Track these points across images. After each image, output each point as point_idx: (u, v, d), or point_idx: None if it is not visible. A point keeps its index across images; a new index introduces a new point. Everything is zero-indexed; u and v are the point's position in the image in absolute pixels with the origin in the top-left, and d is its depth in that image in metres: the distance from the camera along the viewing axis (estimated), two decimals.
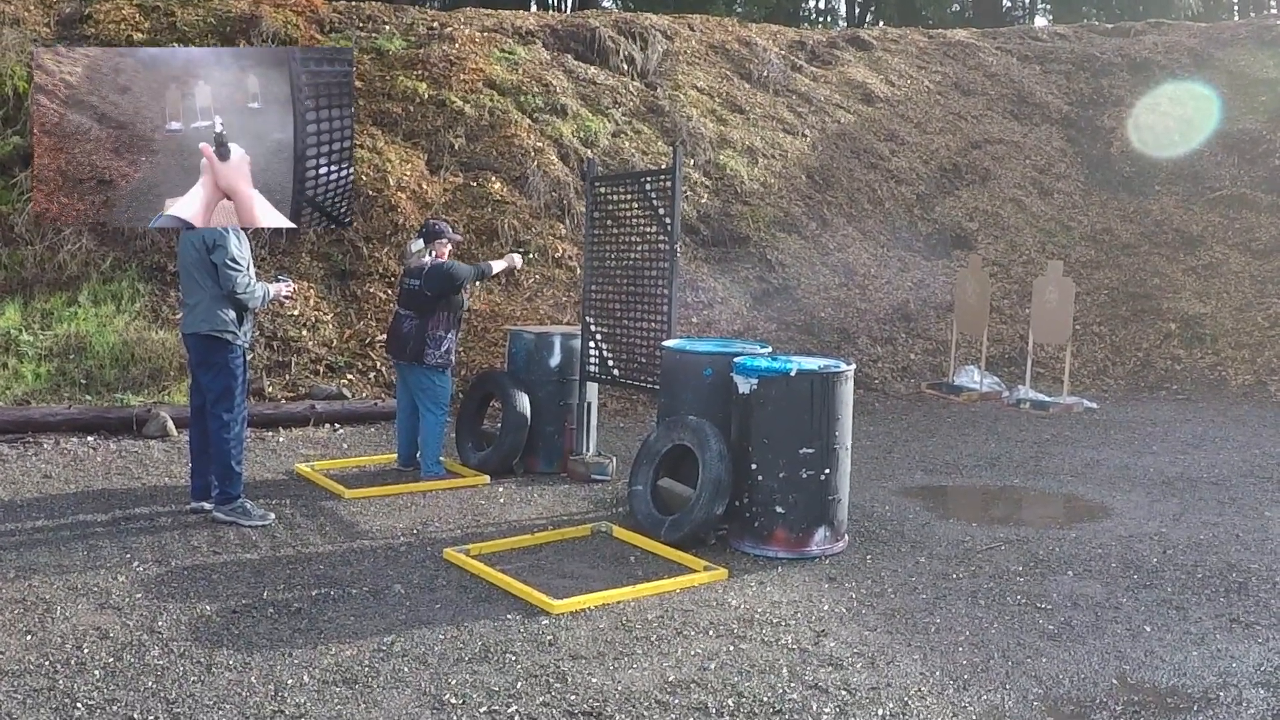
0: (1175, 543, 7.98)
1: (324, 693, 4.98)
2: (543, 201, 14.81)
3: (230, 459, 7.72)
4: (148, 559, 6.86)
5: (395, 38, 16.81)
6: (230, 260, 7.55)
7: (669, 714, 4.89)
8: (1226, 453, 11.37)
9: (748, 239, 15.92)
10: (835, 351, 13.89)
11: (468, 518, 8.17)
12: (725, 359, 7.78)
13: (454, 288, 9.08)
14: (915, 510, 8.79)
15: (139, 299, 12.31)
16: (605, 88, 17.48)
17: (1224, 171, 19.65)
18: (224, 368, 7.72)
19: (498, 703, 4.93)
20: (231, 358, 7.74)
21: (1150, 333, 16.60)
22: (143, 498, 8.39)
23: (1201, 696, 5.29)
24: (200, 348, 7.75)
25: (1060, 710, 5.09)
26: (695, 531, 7.40)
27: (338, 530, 7.67)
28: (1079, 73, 22.75)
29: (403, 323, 9.14)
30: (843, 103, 20.03)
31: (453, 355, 9.28)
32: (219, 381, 7.73)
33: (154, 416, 10.38)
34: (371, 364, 12.29)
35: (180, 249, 7.88)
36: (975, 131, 20.51)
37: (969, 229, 18.05)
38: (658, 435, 8.02)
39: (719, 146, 17.27)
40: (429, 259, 9.12)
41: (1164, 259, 18.08)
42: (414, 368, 9.13)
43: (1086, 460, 10.87)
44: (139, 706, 4.78)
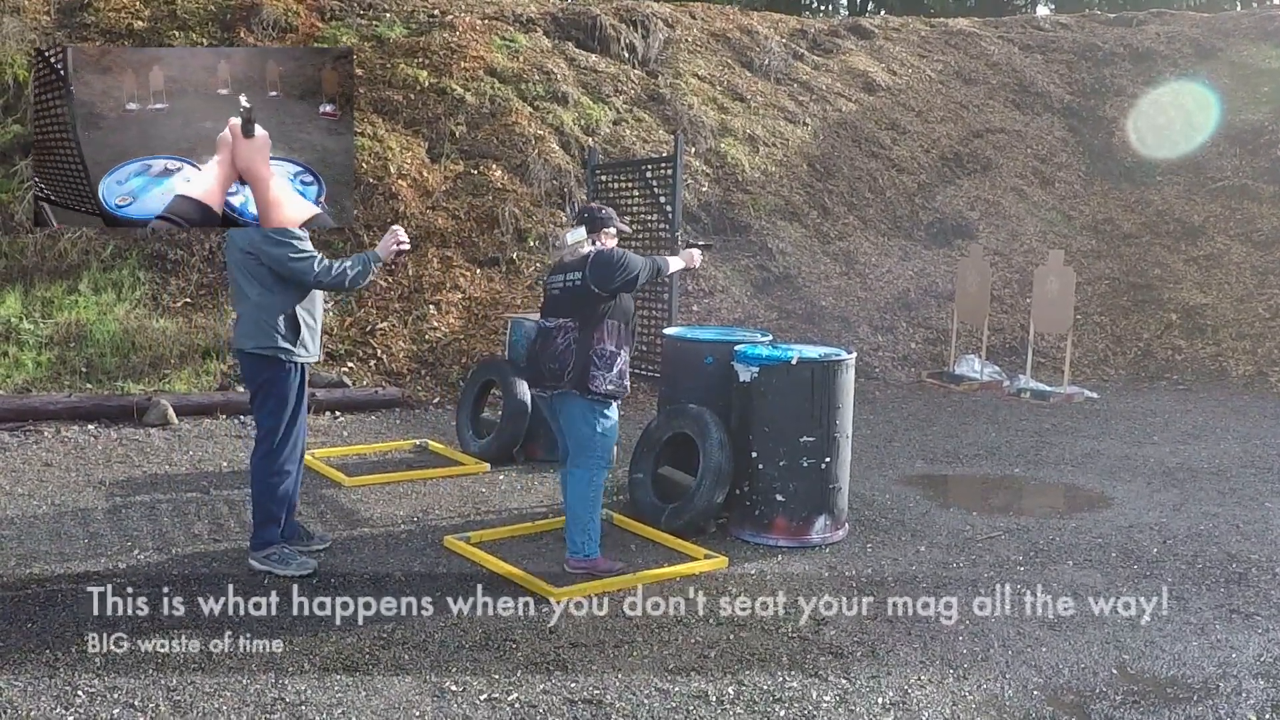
0: (1175, 533, 7.98)
1: (324, 680, 4.99)
2: (544, 190, 14.79)
3: (268, 499, 6.54)
4: (148, 546, 6.87)
5: (396, 25, 16.77)
6: (294, 254, 6.31)
7: (669, 702, 4.90)
8: (1227, 443, 11.36)
9: (749, 227, 15.89)
10: (836, 340, 13.85)
11: (468, 505, 8.17)
12: (726, 347, 7.77)
13: (629, 282, 6.65)
14: (915, 499, 8.79)
15: (139, 287, 12.31)
16: (606, 76, 17.45)
17: (1226, 162, 19.59)
18: (271, 391, 6.49)
19: (498, 690, 4.94)
20: (283, 379, 6.49)
21: (1151, 323, 16.58)
22: (143, 486, 8.39)
23: (1201, 686, 5.31)
24: (247, 366, 6.62)
25: (1060, 700, 5.10)
26: (695, 520, 7.41)
27: (339, 518, 7.68)
28: (1081, 62, 22.69)
29: (554, 337, 6.59)
30: (844, 91, 19.99)
31: (627, 382, 6.72)
32: (264, 406, 6.54)
33: (154, 405, 10.37)
34: (372, 351, 12.28)
35: (226, 249, 6.69)
36: (977, 121, 20.47)
37: (970, 218, 18.01)
38: (658, 423, 8.03)
39: (720, 135, 17.24)
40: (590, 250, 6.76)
41: (1165, 249, 18.04)
42: (571, 400, 6.62)
43: (1087, 450, 10.86)
44: (139, 694, 4.79)
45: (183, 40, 14.84)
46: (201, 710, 4.71)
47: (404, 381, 12.05)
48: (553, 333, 6.61)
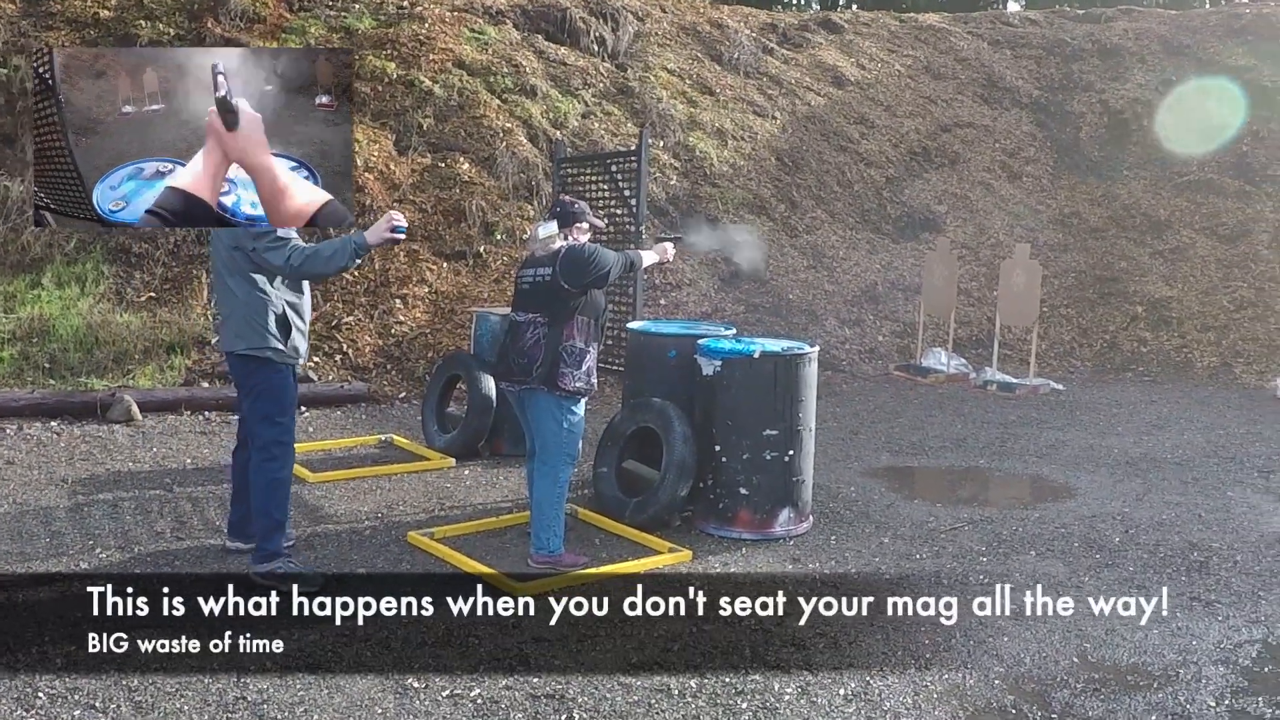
0: (1138, 522, 8.04)
1: (286, 679, 4.98)
2: (511, 183, 14.75)
3: (271, 507, 6.27)
4: (110, 545, 6.83)
5: (364, 17, 16.68)
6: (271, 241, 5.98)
7: (632, 695, 4.91)
8: (1191, 434, 11.44)
9: (716, 220, 15.90)
10: (803, 333, 13.90)
11: (433, 501, 8.16)
12: (689, 341, 7.79)
13: (600, 278, 6.60)
14: (880, 491, 8.82)
15: (103, 281, 12.21)
16: (575, 69, 17.41)
17: (1191, 156, 19.73)
18: (265, 393, 6.25)
19: (460, 686, 4.94)
20: (278, 381, 6.27)
21: (1117, 315, 16.69)
22: (106, 483, 8.34)
23: (1162, 674, 5.36)
24: (237, 369, 6.36)
25: (1021, 688, 5.14)
26: (660, 514, 7.42)
27: (302, 514, 7.64)
28: (1049, 58, 22.77)
29: (523, 332, 6.58)
30: (813, 85, 20.01)
31: (594, 379, 6.72)
32: (258, 409, 6.29)
33: (118, 401, 10.31)
34: (338, 346, 12.24)
35: (211, 248, 6.46)
36: (945, 115, 20.53)
37: (938, 212, 18.07)
38: (622, 417, 8.03)
39: (689, 128, 17.23)
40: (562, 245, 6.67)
41: (1131, 243, 18.16)
42: (539, 395, 6.60)
43: (1052, 441, 10.93)
44: (101, 695, 4.77)
45: (149, 30, 14.73)
46: (163, 710, 4.69)
47: (370, 376, 12.01)
48: (522, 327, 6.58)
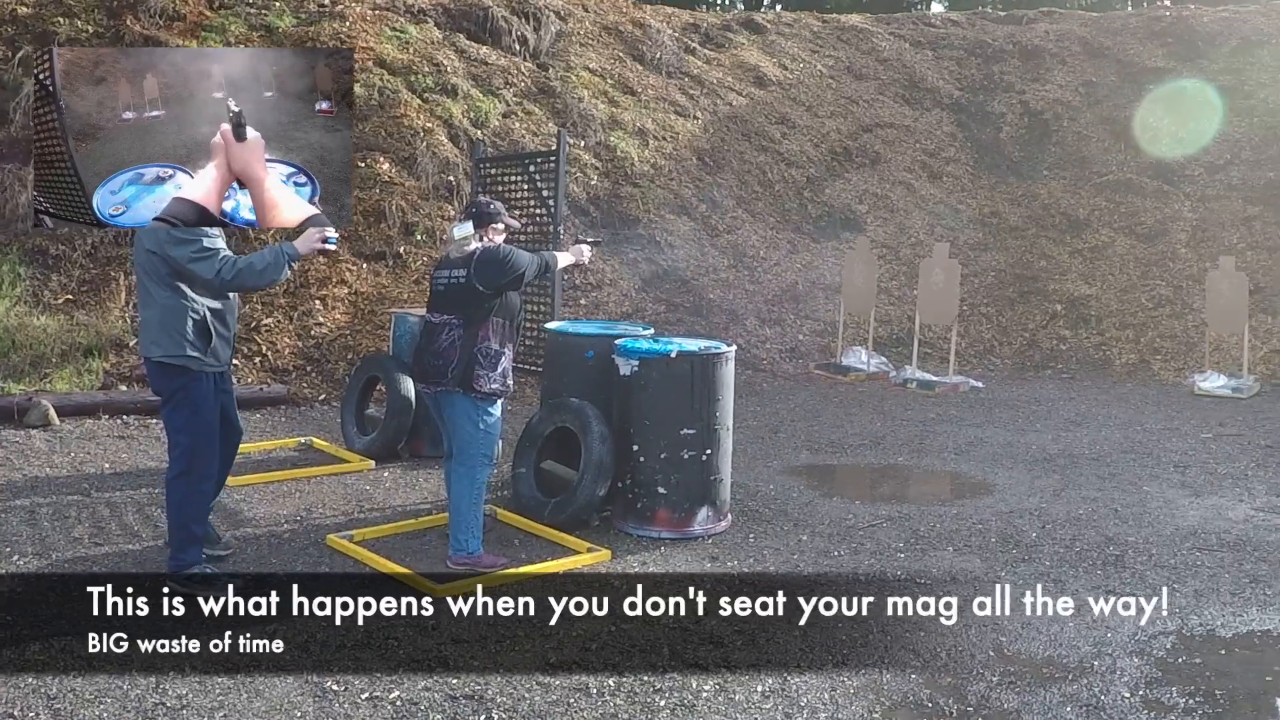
0: (1054, 518, 8.16)
1: (205, 683, 4.95)
2: (431, 183, 14.69)
3: (187, 518, 6.15)
4: (28, 552, 6.73)
5: (285, 15, 16.52)
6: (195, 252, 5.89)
7: (550, 695, 4.92)
8: (1108, 430, 11.62)
9: (637, 220, 15.93)
10: (724, 333, 13.96)
11: (352, 503, 8.12)
12: (607, 341, 7.81)
13: (515, 280, 6.63)
14: (799, 489, 8.89)
15: (20, 283, 12.01)
16: (497, 68, 17.36)
17: (1110, 157, 20.04)
18: (182, 402, 6.10)
19: (379, 688, 4.93)
20: (194, 389, 6.09)
21: (1036, 313, 16.92)
22: (23, 489, 8.21)
23: (1077, 665, 5.45)
24: (154, 376, 6.21)
25: (937, 682, 5.19)
26: (578, 513, 7.43)
27: (221, 518, 7.55)
28: (971, 59, 23.02)
29: (438, 334, 6.57)
30: (735, 85, 20.10)
31: (511, 381, 6.79)
32: (175, 419, 6.17)
33: (35, 405, 10.16)
34: (257, 348, 12.13)
35: (134, 251, 6.31)
36: (866, 115, 20.69)
37: (858, 211, 18.23)
38: (540, 418, 8.03)
39: (610, 128, 17.25)
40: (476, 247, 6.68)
41: (1051, 242, 18.41)
42: (455, 397, 6.58)
43: (970, 438, 11.06)
44: (19, 703, 4.71)
45: (68, 28, 14.49)
46: (83, 717, 4.65)
47: (289, 378, 11.92)
48: (437, 329, 6.58)
